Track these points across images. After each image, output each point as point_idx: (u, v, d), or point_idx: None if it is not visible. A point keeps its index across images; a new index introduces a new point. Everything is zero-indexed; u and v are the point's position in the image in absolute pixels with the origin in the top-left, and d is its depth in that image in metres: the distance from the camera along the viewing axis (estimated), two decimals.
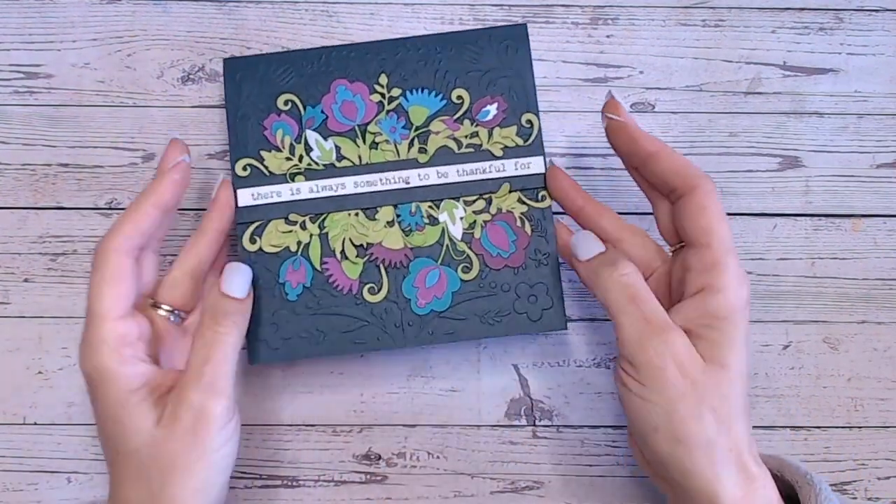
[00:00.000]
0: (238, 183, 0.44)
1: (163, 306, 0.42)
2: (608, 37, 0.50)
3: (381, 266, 0.44)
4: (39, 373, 0.48)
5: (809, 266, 0.49)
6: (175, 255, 0.44)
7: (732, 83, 0.50)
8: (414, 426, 0.48)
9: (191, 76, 0.49)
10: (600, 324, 0.49)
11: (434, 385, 0.48)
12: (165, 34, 0.49)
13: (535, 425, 0.48)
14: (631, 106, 0.50)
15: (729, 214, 0.49)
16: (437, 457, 0.48)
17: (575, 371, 0.48)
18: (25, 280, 0.48)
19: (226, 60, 0.45)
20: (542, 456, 0.48)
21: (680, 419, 0.36)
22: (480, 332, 0.44)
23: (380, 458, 0.47)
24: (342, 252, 0.44)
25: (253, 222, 0.44)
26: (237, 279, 0.41)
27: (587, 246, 0.41)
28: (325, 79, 0.45)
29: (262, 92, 0.45)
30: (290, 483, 0.47)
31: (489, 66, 0.45)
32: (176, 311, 0.43)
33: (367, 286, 0.44)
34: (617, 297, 0.38)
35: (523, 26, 0.46)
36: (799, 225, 0.50)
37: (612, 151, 0.49)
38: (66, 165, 0.49)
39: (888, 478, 0.47)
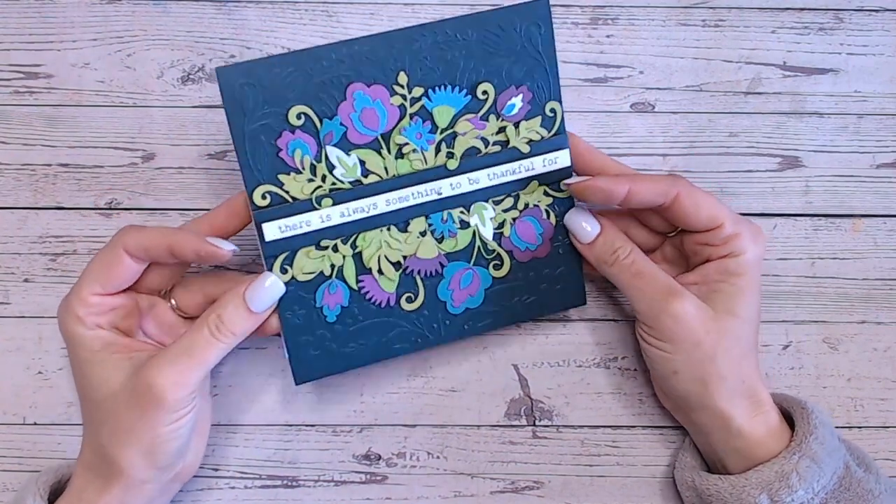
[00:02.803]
0: (260, 216, 0.41)
1: (172, 301, 0.44)
2: (608, 37, 0.50)
3: (417, 276, 0.44)
4: (39, 373, 0.48)
5: (809, 266, 0.49)
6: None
7: (732, 83, 0.50)
8: (414, 426, 0.48)
9: (191, 76, 0.49)
10: (600, 324, 0.49)
11: (434, 385, 0.48)
12: (165, 34, 0.49)
13: (535, 425, 0.48)
14: (631, 106, 0.50)
15: None
16: (437, 457, 0.48)
17: (575, 371, 0.48)
18: (25, 280, 0.48)
19: (219, 70, 0.39)
20: (542, 456, 0.48)
21: (695, 363, 0.41)
22: (511, 318, 0.46)
23: (380, 458, 0.47)
24: (378, 270, 0.43)
25: (281, 253, 0.41)
26: (263, 295, 0.40)
27: (583, 230, 0.44)
28: (339, 84, 0.41)
29: (269, 105, 0.40)
30: (290, 483, 0.47)
31: (511, 51, 0.42)
32: (181, 312, 0.44)
33: (404, 296, 0.44)
34: (623, 277, 0.43)
35: (544, 2, 0.42)
36: (799, 225, 0.50)
37: (612, 151, 0.50)
38: (66, 165, 0.49)
39: (889, 477, 0.47)
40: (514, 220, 0.44)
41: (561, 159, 0.44)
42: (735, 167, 0.50)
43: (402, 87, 0.42)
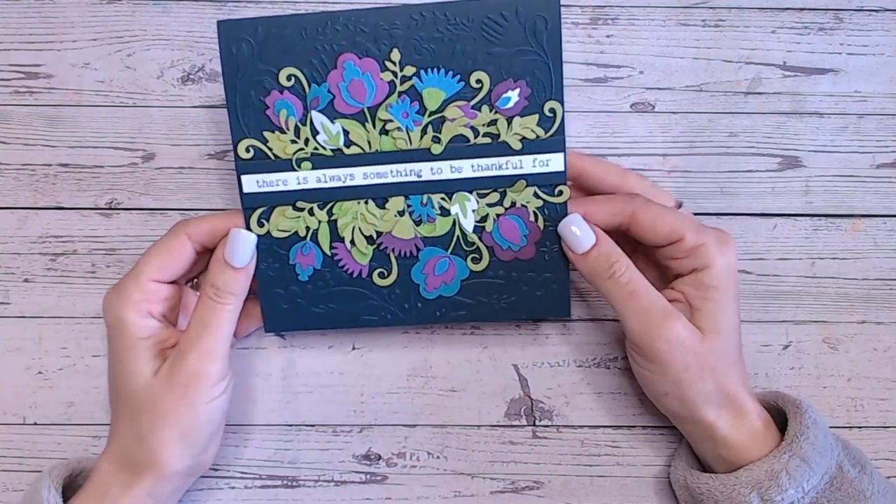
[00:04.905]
0: (242, 167, 0.42)
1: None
2: (608, 37, 0.50)
3: (391, 253, 0.44)
4: (39, 373, 0.48)
5: (809, 266, 0.49)
6: None
7: (732, 83, 0.50)
8: (414, 426, 0.48)
9: (191, 76, 0.49)
10: (600, 324, 0.49)
11: (434, 385, 0.48)
12: (165, 34, 0.49)
13: (535, 425, 0.48)
14: (631, 106, 0.50)
15: (729, 214, 0.49)
16: (437, 457, 0.48)
17: (575, 371, 0.48)
18: (25, 280, 0.48)
19: (220, 23, 0.41)
20: (542, 456, 0.48)
21: (685, 385, 0.41)
22: (488, 314, 0.45)
23: (380, 458, 0.47)
24: (351, 241, 0.44)
25: (259, 207, 0.43)
26: (240, 248, 0.42)
27: (577, 240, 0.43)
28: (332, 52, 0.41)
29: (263, 63, 0.41)
30: (290, 483, 0.47)
31: (513, 43, 0.41)
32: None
33: (377, 271, 0.44)
34: (618, 294, 0.42)
35: None
36: (799, 225, 0.50)
37: (612, 151, 0.50)
38: (66, 165, 0.49)
39: (889, 477, 0.47)
40: (497, 216, 0.44)
41: (554, 163, 0.43)
42: (735, 167, 0.50)
43: (393, 63, 0.42)
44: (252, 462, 0.47)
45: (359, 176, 0.43)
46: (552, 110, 0.42)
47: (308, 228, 0.43)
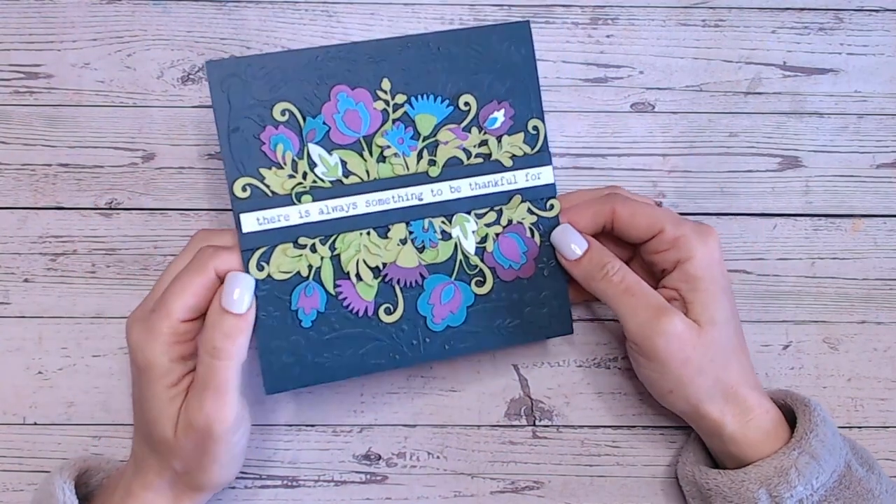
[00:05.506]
0: (239, 206, 0.41)
1: None
2: (608, 37, 0.50)
3: (396, 286, 0.43)
4: (39, 373, 0.48)
5: (809, 266, 0.49)
6: None
7: (732, 83, 0.50)
8: (414, 426, 0.48)
9: (191, 76, 0.49)
10: (600, 324, 0.49)
11: (434, 385, 0.48)
12: (165, 34, 0.49)
13: (535, 425, 0.48)
14: (631, 106, 0.50)
15: (729, 214, 0.49)
16: (437, 457, 0.48)
17: (575, 371, 0.48)
18: (25, 280, 0.48)
19: (208, 64, 0.41)
20: (542, 456, 0.48)
21: (687, 380, 0.41)
22: (494, 342, 0.44)
23: (380, 458, 0.47)
24: (357, 275, 0.42)
25: (259, 248, 0.41)
26: (237, 293, 0.40)
27: (569, 249, 0.43)
28: (324, 84, 0.42)
29: (255, 100, 0.41)
30: (289, 483, 0.47)
31: (493, 67, 0.43)
32: None
33: (383, 306, 0.43)
34: (613, 293, 0.42)
35: (525, 24, 0.44)
36: (799, 225, 0.50)
37: (612, 151, 0.50)
38: (66, 165, 0.49)
39: (891, 478, 0.47)
40: (497, 235, 0.44)
41: (544, 175, 0.44)
42: (735, 167, 0.50)
43: (385, 92, 0.43)
44: (252, 462, 0.47)
45: (361, 204, 0.42)
46: (535, 128, 0.44)
47: (311, 267, 0.42)
